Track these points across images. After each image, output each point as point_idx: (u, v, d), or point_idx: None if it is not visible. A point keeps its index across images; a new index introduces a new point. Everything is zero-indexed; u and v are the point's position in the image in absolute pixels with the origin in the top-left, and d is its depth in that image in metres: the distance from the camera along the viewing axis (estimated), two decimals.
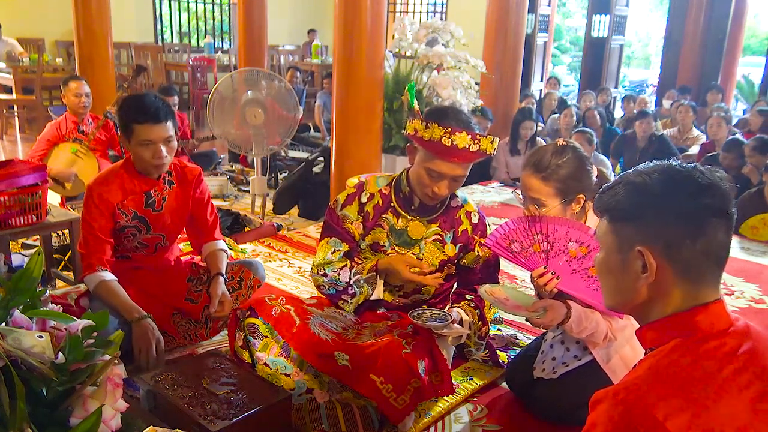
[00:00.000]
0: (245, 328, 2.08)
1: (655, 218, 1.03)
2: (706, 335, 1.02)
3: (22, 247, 3.47)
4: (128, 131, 2.28)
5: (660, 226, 1.03)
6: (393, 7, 11.07)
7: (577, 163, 1.95)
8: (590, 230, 1.89)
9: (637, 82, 14.92)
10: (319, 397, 1.96)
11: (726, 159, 4.87)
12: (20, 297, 1.26)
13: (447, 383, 2.01)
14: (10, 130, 7.47)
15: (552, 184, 1.94)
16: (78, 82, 4.25)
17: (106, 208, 2.33)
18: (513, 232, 1.98)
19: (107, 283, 2.30)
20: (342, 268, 2.18)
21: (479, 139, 1.99)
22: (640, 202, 1.05)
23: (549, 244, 1.92)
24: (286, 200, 4.63)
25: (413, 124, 2.03)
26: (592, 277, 1.86)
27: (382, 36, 3.88)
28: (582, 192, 1.97)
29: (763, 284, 3.49)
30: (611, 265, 1.10)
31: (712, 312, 1.03)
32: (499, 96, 6.08)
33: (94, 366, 1.22)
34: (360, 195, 2.25)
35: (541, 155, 1.97)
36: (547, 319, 1.86)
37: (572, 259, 1.90)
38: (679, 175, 1.05)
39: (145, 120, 2.25)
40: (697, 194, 1.02)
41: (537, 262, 1.94)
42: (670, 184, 1.04)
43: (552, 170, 1.93)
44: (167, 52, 9.67)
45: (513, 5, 5.95)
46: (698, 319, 1.03)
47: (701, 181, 1.02)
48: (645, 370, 1.01)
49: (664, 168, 1.08)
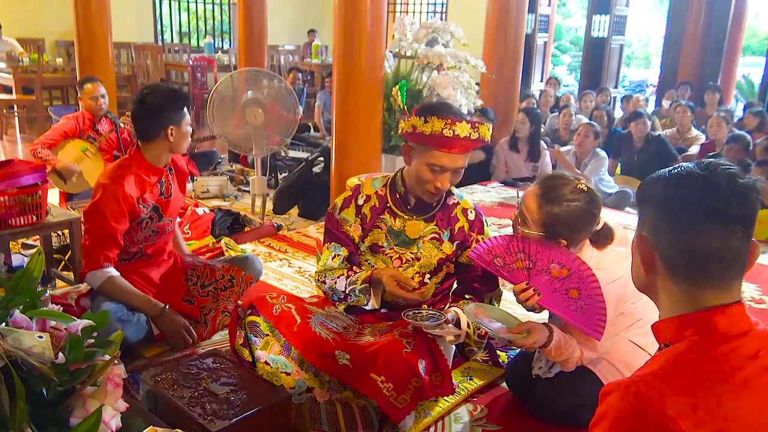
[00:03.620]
0: (246, 326, 2.08)
1: (652, 210, 1.07)
2: (723, 336, 1.01)
3: (22, 247, 3.47)
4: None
5: (653, 219, 1.06)
6: (393, 7, 11.08)
7: (579, 213, 1.88)
8: (572, 255, 1.88)
9: (637, 82, 14.93)
10: (320, 396, 1.96)
11: (731, 151, 4.89)
12: (20, 297, 1.26)
13: (447, 383, 2.01)
14: (10, 130, 7.47)
15: (542, 215, 1.90)
16: (94, 84, 4.24)
17: (128, 209, 2.35)
18: (496, 248, 1.97)
19: (116, 280, 2.32)
20: (339, 277, 2.18)
21: (477, 126, 2.01)
22: (649, 192, 1.08)
23: (531, 263, 1.92)
24: (286, 200, 4.63)
25: (410, 122, 2.03)
26: (572, 299, 1.86)
27: (382, 36, 3.88)
28: (567, 239, 1.91)
29: (763, 284, 3.49)
30: (636, 241, 1.14)
31: (731, 314, 1.02)
32: (499, 96, 6.07)
33: (94, 366, 1.22)
34: (356, 197, 2.25)
35: (555, 183, 1.92)
36: (530, 341, 1.86)
37: (554, 279, 1.89)
38: (688, 172, 1.05)
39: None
40: (695, 193, 1.00)
41: (520, 277, 1.94)
42: (680, 179, 1.04)
43: (552, 205, 1.88)
44: (167, 52, 9.67)
45: (513, 5, 5.94)
46: (716, 319, 1.02)
47: (707, 179, 1.01)
48: (660, 365, 1.01)
49: (692, 166, 1.07)
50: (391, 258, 2.22)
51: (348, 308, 2.28)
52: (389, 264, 2.21)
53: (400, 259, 2.22)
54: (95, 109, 4.22)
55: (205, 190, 4.89)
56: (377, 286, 2.12)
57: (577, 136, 5.22)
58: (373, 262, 2.23)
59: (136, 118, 2.46)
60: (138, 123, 2.46)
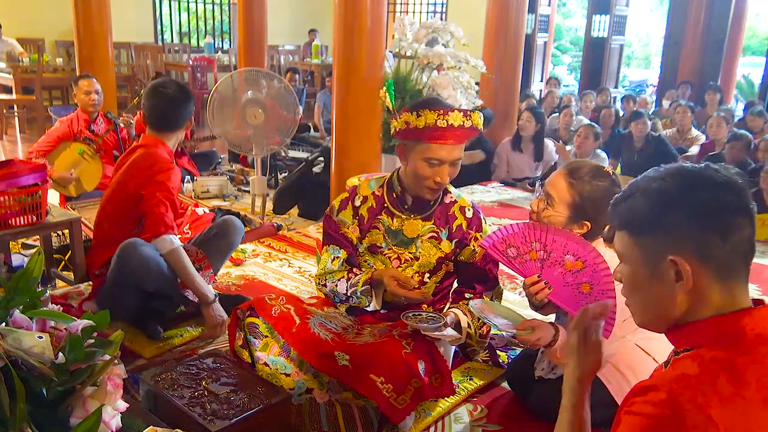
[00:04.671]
0: (245, 327, 2.08)
1: (682, 222, 1.00)
2: (755, 339, 0.99)
3: (22, 247, 3.46)
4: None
5: (688, 230, 1.00)
6: (393, 7, 11.07)
7: (606, 193, 1.91)
8: (589, 245, 1.88)
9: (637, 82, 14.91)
10: (319, 397, 1.96)
11: (732, 150, 4.89)
12: (20, 297, 1.26)
13: (448, 384, 2.01)
14: (10, 130, 7.47)
15: (572, 194, 1.94)
16: (88, 80, 4.27)
17: (176, 193, 2.54)
18: (511, 237, 1.97)
19: (183, 251, 2.43)
20: (339, 280, 2.18)
21: (470, 114, 2.02)
22: (663, 209, 1.01)
23: (546, 254, 1.92)
24: (286, 200, 4.63)
25: (403, 118, 2.04)
26: (583, 294, 1.87)
27: (382, 36, 3.88)
28: (590, 221, 1.96)
29: (763, 284, 3.49)
30: (640, 280, 1.06)
31: (759, 316, 1.01)
32: (499, 96, 6.07)
33: (94, 366, 1.22)
34: (353, 199, 2.25)
35: (582, 165, 2.00)
36: (534, 338, 1.87)
37: (567, 271, 1.89)
38: (694, 175, 1.02)
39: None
40: (717, 192, 0.99)
41: (532, 269, 1.94)
42: (689, 185, 1.01)
43: (581, 183, 1.94)
44: (167, 52, 9.66)
45: (513, 5, 5.94)
46: (744, 323, 1.00)
47: (717, 179, 1.00)
48: (697, 369, 0.97)
49: (676, 170, 1.04)
50: (390, 258, 2.22)
51: (348, 309, 2.28)
52: (388, 264, 2.21)
53: (399, 259, 2.22)
54: (87, 105, 4.21)
55: (205, 190, 4.89)
56: (378, 288, 2.12)
57: (577, 137, 5.22)
58: (372, 262, 2.23)
59: (160, 110, 2.57)
60: (162, 114, 2.58)
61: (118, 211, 2.54)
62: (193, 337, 2.55)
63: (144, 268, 2.35)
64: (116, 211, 2.55)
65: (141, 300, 2.48)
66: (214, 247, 2.72)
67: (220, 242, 2.76)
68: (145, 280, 2.38)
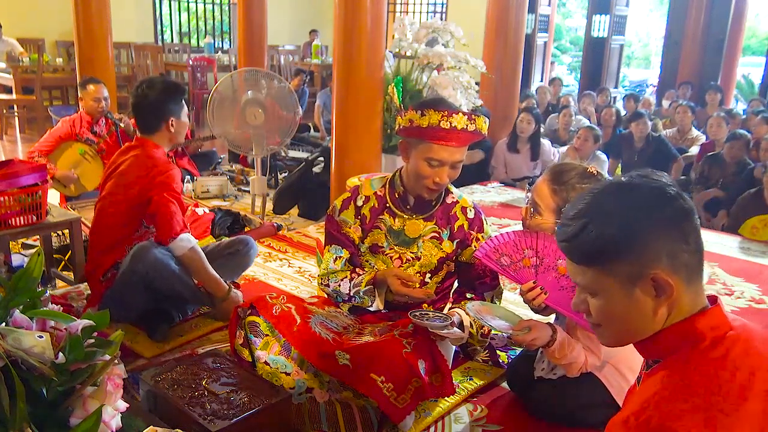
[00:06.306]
0: (246, 326, 2.08)
1: (654, 237, 1.00)
2: (711, 342, 1.00)
3: (22, 247, 3.46)
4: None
5: (662, 243, 1.00)
6: (393, 7, 11.07)
7: None
8: None
9: (637, 82, 14.90)
10: (319, 396, 1.96)
11: (731, 150, 4.88)
12: (20, 297, 1.26)
13: (448, 384, 2.01)
14: (10, 130, 7.47)
15: (557, 201, 1.93)
16: (97, 85, 4.22)
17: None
18: (503, 246, 1.97)
19: (198, 249, 2.48)
20: (342, 280, 2.18)
21: (474, 118, 2.01)
22: (632, 230, 1.00)
23: (539, 260, 1.92)
24: (286, 200, 4.63)
25: (407, 116, 2.04)
26: None
27: (382, 36, 3.88)
28: None
29: (763, 284, 3.49)
30: (617, 307, 1.04)
31: (711, 316, 1.02)
32: (499, 96, 6.07)
33: (94, 366, 1.22)
34: (355, 198, 2.25)
35: (564, 170, 1.96)
36: (529, 338, 1.86)
37: (560, 276, 1.89)
38: (642, 189, 1.03)
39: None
40: (671, 200, 1.02)
41: (527, 276, 1.94)
42: (645, 200, 1.02)
43: (565, 188, 1.92)
44: (167, 52, 9.65)
45: (513, 5, 5.94)
46: (699, 326, 1.01)
47: (663, 187, 1.03)
48: (660, 385, 0.98)
49: (617, 189, 1.05)
50: (392, 258, 2.22)
51: (350, 308, 2.28)
52: (389, 264, 2.21)
53: (401, 258, 2.22)
54: (95, 111, 4.20)
55: (205, 190, 4.88)
56: (381, 288, 2.12)
57: (577, 139, 5.22)
58: (374, 262, 2.23)
59: (138, 111, 2.55)
60: (140, 116, 2.55)
61: (119, 214, 2.52)
62: (195, 336, 2.55)
63: (157, 271, 2.38)
64: (117, 215, 2.53)
65: (151, 302, 2.48)
66: (223, 264, 2.73)
67: (230, 262, 2.78)
68: (157, 284, 2.40)
